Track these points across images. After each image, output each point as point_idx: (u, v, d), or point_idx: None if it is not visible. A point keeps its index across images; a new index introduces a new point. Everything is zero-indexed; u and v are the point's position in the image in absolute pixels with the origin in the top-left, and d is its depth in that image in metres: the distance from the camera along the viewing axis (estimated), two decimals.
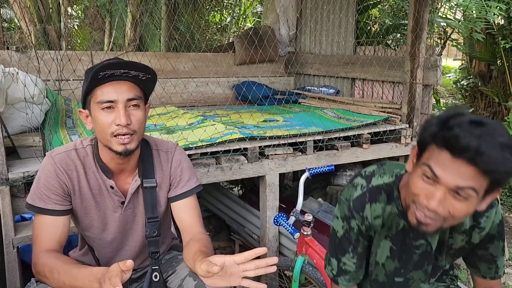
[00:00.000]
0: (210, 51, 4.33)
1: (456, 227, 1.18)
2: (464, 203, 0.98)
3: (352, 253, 1.29)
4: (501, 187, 1.00)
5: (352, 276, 1.32)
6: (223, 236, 3.47)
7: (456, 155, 0.94)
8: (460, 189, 0.96)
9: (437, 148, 0.98)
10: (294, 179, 4.13)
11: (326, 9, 4.00)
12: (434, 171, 0.98)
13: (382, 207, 1.22)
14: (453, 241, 1.23)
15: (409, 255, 1.26)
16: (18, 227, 1.95)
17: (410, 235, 1.23)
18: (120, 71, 1.26)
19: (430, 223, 1.03)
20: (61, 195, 1.35)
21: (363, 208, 1.23)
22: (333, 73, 3.89)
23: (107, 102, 1.27)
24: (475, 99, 6.78)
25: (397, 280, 1.32)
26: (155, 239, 1.46)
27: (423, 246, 1.24)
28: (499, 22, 5.75)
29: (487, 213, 1.16)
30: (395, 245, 1.25)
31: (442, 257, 1.26)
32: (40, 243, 1.33)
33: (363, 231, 1.26)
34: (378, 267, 1.32)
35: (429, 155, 1.00)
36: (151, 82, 1.36)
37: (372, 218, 1.23)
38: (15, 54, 3.09)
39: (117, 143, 1.29)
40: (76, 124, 2.68)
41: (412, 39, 2.91)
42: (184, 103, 3.69)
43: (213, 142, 2.29)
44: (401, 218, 1.21)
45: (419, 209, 1.03)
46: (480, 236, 1.19)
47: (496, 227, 1.18)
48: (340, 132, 2.69)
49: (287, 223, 2.11)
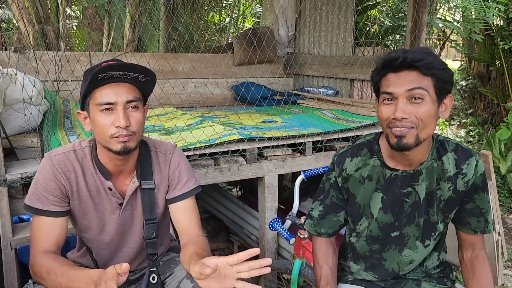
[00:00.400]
0: (208, 51, 4.33)
1: (442, 175, 1.30)
2: (422, 104, 1.17)
3: (321, 202, 1.47)
4: (447, 86, 1.21)
5: (315, 223, 1.47)
6: (221, 237, 3.46)
7: (395, 69, 1.19)
8: (411, 92, 1.17)
9: (383, 76, 1.22)
10: (293, 180, 4.12)
11: (325, 10, 4.00)
12: (387, 90, 1.20)
13: (363, 160, 1.37)
14: (441, 192, 1.31)
15: (400, 205, 1.34)
16: (16, 228, 1.94)
17: (397, 183, 1.32)
18: (120, 73, 1.26)
19: (406, 133, 1.18)
20: (59, 197, 1.35)
21: (343, 161, 1.41)
22: (332, 74, 3.89)
23: (106, 104, 1.27)
24: (474, 100, 6.79)
25: (393, 235, 1.38)
26: (153, 241, 1.45)
27: (412, 196, 1.32)
28: (498, 23, 5.76)
29: (468, 161, 1.29)
30: (385, 195, 1.35)
31: (433, 211, 1.33)
32: (37, 244, 1.32)
33: (338, 183, 1.42)
34: (373, 220, 1.38)
35: (382, 86, 1.23)
36: (151, 84, 1.35)
37: (353, 170, 1.38)
38: (13, 55, 3.08)
39: (116, 141, 1.29)
40: (75, 125, 2.67)
41: (411, 40, 2.91)
42: (183, 104, 3.69)
43: (211, 143, 2.28)
44: (385, 168, 1.34)
45: (393, 127, 1.20)
46: (465, 184, 1.30)
47: (480, 178, 1.30)
48: (339, 133, 2.69)
49: (282, 228, 2.10)
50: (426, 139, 1.22)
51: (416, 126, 1.18)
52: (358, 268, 1.46)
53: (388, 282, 1.44)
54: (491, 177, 2.81)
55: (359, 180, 1.38)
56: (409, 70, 1.18)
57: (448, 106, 1.25)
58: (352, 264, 1.49)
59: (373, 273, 1.44)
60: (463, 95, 7.06)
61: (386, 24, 5.23)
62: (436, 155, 1.31)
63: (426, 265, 1.43)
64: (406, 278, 1.44)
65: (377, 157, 1.36)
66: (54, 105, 2.71)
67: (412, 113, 1.17)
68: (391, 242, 1.39)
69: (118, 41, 5.73)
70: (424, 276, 1.44)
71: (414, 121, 1.18)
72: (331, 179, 1.44)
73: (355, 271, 1.47)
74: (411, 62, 1.16)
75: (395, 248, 1.39)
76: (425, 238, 1.37)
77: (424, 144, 1.23)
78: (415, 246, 1.38)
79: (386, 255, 1.41)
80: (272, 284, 2.44)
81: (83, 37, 6.35)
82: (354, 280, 1.49)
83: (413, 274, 1.43)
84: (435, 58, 1.18)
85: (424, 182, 1.30)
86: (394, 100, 1.19)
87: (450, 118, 7.53)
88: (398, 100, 1.18)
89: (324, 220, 1.46)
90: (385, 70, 1.21)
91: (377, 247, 1.41)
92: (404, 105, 1.17)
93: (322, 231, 1.48)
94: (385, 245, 1.40)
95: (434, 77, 1.18)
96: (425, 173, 1.30)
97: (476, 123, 6.46)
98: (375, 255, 1.42)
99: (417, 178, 1.30)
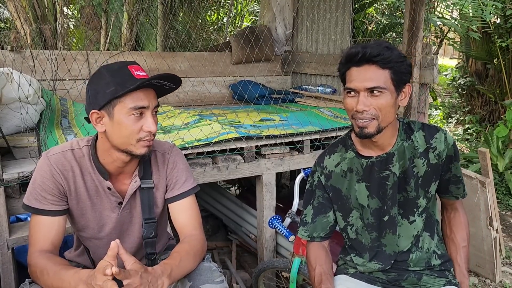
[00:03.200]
0: (206, 50, 4.32)
1: (414, 152, 1.39)
2: (381, 97, 1.27)
3: (310, 205, 1.52)
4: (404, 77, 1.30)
5: (309, 227, 1.51)
6: (220, 236, 3.46)
7: (356, 63, 1.28)
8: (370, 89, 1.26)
9: (347, 70, 1.31)
10: (291, 179, 4.13)
11: (323, 8, 4.00)
12: (350, 86, 1.30)
13: (341, 155, 1.47)
14: (417, 169, 1.40)
15: (384, 189, 1.42)
16: (13, 228, 1.94)
17: (375, 168, 1.41)
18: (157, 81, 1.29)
19: (368, 124, 1.29)
20: (57, 196, 1.35)
21: (323, 160, 1.51)
22: (329, 72, 3.89)
23: (140, 109, 1.28)
24: (472, 98, 6.80)
25: (385, 219, 1.44)
26: (151, 240, 1.46)
27: (391, 178, 1.40)
28: (495, 21, 5.77)
29: (436, 135, 1.39)
30: (368, 182, 1.43)
31: (410, 187, 1.40)
32: (34, 243, 1.32)
33: (322, 182, 1.49)
34: (365, 209, 1.45)
35: (346, 80, 1.32)
36: (171, 91, 1.39)
37: (333, 166, 1.48)
38: (10, 54, 3.06)
39: (142, 146, 1.31)
40: (72, 124, 2.66)
41: (409, 38, 2.91)
42: (180, 102, 3.68)
43: (209, 142, 2.28)
44: (360, 158, 1.43)
45: (356, 118, 1.30)
46: (437, 156, 1.38)
47: (452, 148, 1.40)
48: (337, 131, 2.69)
49: (282, 226, 2.10)
50: (387, 126, 1.33)
51: (377, 117, 1.29)
52: (363, 261, 1.49)
53: (390, 275, 1.47)
54: (488, 175, 2.82)
55: (341, 174, 1.47)
56: (369, 64, 1.27)
57: (407, 94, 1.36)
58: (356, 258, 1.51)
59: (378, 261, 1.47)
60: (461, 93, 7.07)
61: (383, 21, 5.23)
62: (404, 136, 1.40)
63: (422, 247, 1.45)
64: (407, 271, 1.46)
65: (351, 149, 1.45)
66: (51, 104, 2.70)
67: (372, 105, 1.28)
68: (385, 226, 1.45)
69: (116, 40, 5.71)
70: (424, 268, 1.46)
71: (373, 113, 1.29)
72: (315, 180, 1.52)
73: (360, 264, 1.50)
74: (370, 57, 1.26)
75: (389, 232, 1.45)
76: (408, 214, 1.44)
77: (388, 128, 1.35)
78: (401, 223, 1.45)
79: (384, 240, 1.46)
80: (271, 282, 2.44)
81: (80, 36, 6.32)
82: (354, 274, 1.52)
83: (414, 266, 1.45)
84: (392, 52, 1.27)
85: (398, 162, 1.39)
86: (356, 94, 1.30)
87: (448, 116, 7.55)
88: (360, 94, 1.29)
89: (315, 223, 1.51)
90: (348, 64, 1.31)
91: (375, 235, 1.46)
92: (365, 98, 1.28)
93: (315, 235, 1.51)
94: (381, 230, 1.45)
95: (391, 69, 1.28)
96: (397, 154, 1.39)
97: (474, 120, 6.47)
98: (376, 243, 1.47)
99: (391, 160, 1.39)
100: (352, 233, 1.50)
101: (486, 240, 2.74)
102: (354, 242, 1.51)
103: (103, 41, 5.68)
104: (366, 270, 1.49)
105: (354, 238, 1.50)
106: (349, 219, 1.49)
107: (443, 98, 8.65)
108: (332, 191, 1.49)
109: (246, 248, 3.17)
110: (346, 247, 1.57)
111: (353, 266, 1.52)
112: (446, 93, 9.09)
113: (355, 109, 1.30)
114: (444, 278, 1.45)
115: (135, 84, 1.24)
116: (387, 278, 1.47)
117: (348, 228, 1.50)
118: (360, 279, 1.50)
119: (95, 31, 5.88)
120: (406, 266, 1.46)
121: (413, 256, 1.45)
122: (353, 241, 1.51)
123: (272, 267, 2.23)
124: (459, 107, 7.39)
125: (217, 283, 1.39)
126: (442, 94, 9.02)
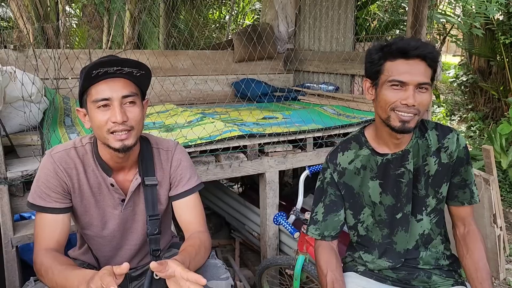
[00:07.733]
0: (208, 48, 4.31)
1: (427, 150, 1.39)
2: (426, 94, 1.28)
3: (322, 203, 1.49)
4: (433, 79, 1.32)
5: (319, 226, 1.48)
6: (223, 234, 3.46)
7: (409, 55, 1.25)
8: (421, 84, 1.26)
9: (391, 63, 1.28)
10: (294, 176, 4.12)
11: (325, 5, 3.99)
12: (400, 79, 1.26)
13: (355, 153, 1.45)
14: (429, 167, 1.40)
15: (398, 187, 1.41)
16: (17, 226, 1.94)
17: (390, 166, 1.40)
18: (113, 69, 1.25)
19: (411, 118, 1.28)
20: (61, 193, 1.35)
21: (335, 157, 1.48)
22: (332, 70, 3.88)
23: (102, 100, 1.27)
24: (475, 95, 6.78)
25: (398, 217, 1.43)
26: (156, 237, 1.46)
27: (406, 175, 1.40)
28: (499, 18, 5.74)
29: (448, 136, 1.39)
30: (383, 179, 1.42)
31: (420, 185, 1.40)
32: (40, 241, 1.33)
33: (334, 179, 1.46)
34: (377, 206, 1.45)
35: (387, 73, 1.29)
36: (146, 78, 1.35)
37: (346, 163, 1.46)
38: (13, 53, 3.07)
39: (114, 139, 1.29)
40: (75, 123, 2.67)
41: (412, 35, 2.90)
42: (183, 101, 3.67)
43: (212, 140, 2.27)
44: (375, 155, 1.42)
45: (400, 112, 1.27)
46: (448, 156, 1.38)
47: (463, 150, 1.40)
48: (340, 129, 2.68)
49: (286, 223, 2.10)
50: None
51: (419, 113, 1.29)
52: (372, 258, 1.48)
53: (400, 273, 1.46)
54: (492, 172, 2.81)
55: (354, 172, 1.45)
56: (420, 59, 1.26)
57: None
58: (365, 255, 1.50)
59: (388, 259, 1.46)
60: (464, 90, 7.05)
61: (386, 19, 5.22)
62: (419, 133, 1.41)
63: (430, 247, 1.45)
64: (417, 269, 1.45)
65: (366, 146, 1.44)
66: (54, 103, 2.70)
67: (418, 101, 1.27)
68: (397, 224, 1.44)
69: (118, 38, 5.72)
70: (434, 268, 1.45)
71: (418, 108, 1.28)
72: (327, 177, 1.49)
73: (370, 261, 1.49)
74: (425, 53, 1.25)
75: (401, 229, 1.44)
76: (416, 212, 1.43)
77: None
78: (411, 222, 1.44)
79: (396, 238, 1.45)
80: (275, 279, 2.44)
81: (82, 34, 6.33)
82: (364, 272, 1.51)
83: (424, 264, 1.45)
84: (438, 54, 1.29)
85: (413, 159, 1.39)
86: (403, 87, 1.27)
87: (451, 113, 7.52)
88: (409, 88, 1.26)
89: (327, 222, 1.48)
90: (395, 55, 1.28)
91: (386, 232, 1.45)
92: (416, 93, 1.27)
93: (326, 234, 1.49)
94: (393, 228, 1.44)
95: (433, 69, 1.30)
96: (412, 151, 1.39)
97: (477, 118, 6.45)
98: (386, 240, 1.46)
99: (406, 158, 1.39)
100: (362, 230, 1.49)
101: (489, 238, 2.73)
102: (363, 238, 1.50)
103: (106, 39, 5.68)
104: (376, 267, 1.48)
105: (364, 235, 1.49)
106: (360, 216, 1.48)
107: (446, 95, 8.63)
108: (344, 189, 1.47)
109: (249, 246, 3.17)
110: (354, 244, 1.56)
111: (362, 263, 1.51)
112: (449, 90, 9.06)
113: (403, 102, 1.27)
114: (452, 278, 1.45)
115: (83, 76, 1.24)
116: (397, 277, 1.46)
117: (358, 226, 1.49)
118: (370, 277, 1.49)
119: (97, 29, 5.88)
120: (416, 264, 1.45)
121: (423, 254, 1.44)
122: (362, 238, 1.50)
123: (275, 264, 2.23)
124: (462, 105, 7.37)
125: (223, 279, 1.40)
126: (445, 91, 8.99)
